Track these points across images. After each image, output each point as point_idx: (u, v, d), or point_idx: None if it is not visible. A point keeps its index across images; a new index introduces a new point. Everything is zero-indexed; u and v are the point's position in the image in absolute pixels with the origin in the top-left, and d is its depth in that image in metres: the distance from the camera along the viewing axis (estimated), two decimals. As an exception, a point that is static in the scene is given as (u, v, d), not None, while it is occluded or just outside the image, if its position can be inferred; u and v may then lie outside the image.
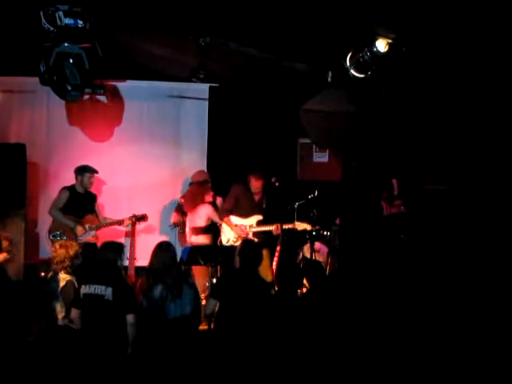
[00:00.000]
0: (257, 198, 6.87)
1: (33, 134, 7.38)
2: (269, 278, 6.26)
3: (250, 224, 6.78)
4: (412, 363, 4.37)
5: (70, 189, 6.60)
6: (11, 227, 6.34)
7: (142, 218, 6.80)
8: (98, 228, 6.63)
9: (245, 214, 6.81)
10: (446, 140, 6.83)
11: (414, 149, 7.26)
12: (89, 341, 4.41)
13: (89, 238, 6.45)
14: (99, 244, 6.17)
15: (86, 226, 6.51)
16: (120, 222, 6.79)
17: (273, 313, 4.53)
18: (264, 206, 6.89)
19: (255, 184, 6.79)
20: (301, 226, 6.78)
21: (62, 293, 5.05)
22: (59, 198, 6.57)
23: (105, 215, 6.94)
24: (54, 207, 6.56)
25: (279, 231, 6.67)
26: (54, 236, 6.39)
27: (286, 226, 6.71)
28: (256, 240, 6.74)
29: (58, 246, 5.34)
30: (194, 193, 7.04)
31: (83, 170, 6.65)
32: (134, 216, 6.77)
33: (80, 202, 6.61)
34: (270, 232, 6.78)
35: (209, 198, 7.09)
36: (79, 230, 6.46)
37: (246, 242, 5.82)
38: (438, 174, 7.19)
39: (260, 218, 6.79)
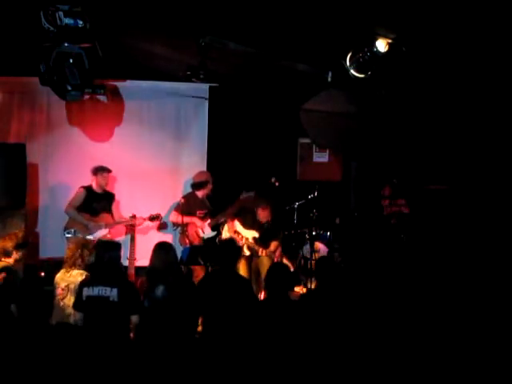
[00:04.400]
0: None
1: (33, 134, 7.37)
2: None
3: (246, 237, 6.80)
4: (413, 362, 4.38)
5: (87, 188, 6.71)
6: (11, 227, 6.33)
7: (156, 217, 6.84)
8: (110, 226, 6.68)
9: (246, 225, 6.86)
10: (447, 140, 6.83)
11: (415, 149, 7.26)
12: (93, 344, 4.39)
13: (102, 235, 6.49)
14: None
15: (99, 224, 6.57)
16: (133, 221, 6.82)
17: (261, 313, 4.49)
18: (265, 227, 6.90)
19: (261, 214, 6.87)
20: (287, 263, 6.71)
21: None
22: (75, 198, 6.68)
23: (121, 214, 7.00)
24: (69, 206, 6.65)
25: (265, 255, 6.72)
26: (68, 233, 6.48)
27: (271, 255, 6.73)
28: (248, 253, 6.78)
29: (72, 245, 5.37)
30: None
31: (97, 170, 6.76)
32: (149, 216, 6.79)
33: (96, 200, 6.71)
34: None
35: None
36: (92, 227, 6.53)
37: (225, 240, 5.76)
38: (438, 174, 7.19)
39: (256, 235, 6.82)
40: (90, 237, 6.33)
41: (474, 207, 6.67)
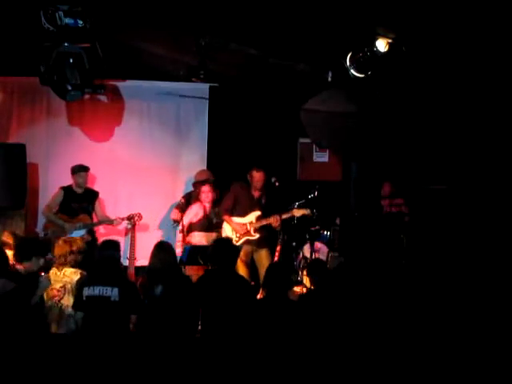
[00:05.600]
0: (256, 195, 6.85)
1: (33, 134, 7.37)
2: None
3: (249, 221, 6.75)
4: (412, 363, 4.38)
5: (66, 189, 6.68)
6: (11, 227, 6.33)
7: (133, 217, 6.76)
8: (87, 227, 6.63)
9: (244, 213, 6.81)
10: (446, 140, 6.83)
11: (414, 149, 7.26)
12: (93, 344, 4.38)
13: (79, 236, 6.44)
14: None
15: (76, 225, 6.55)
16: (111, 222, 6.82)
17: (261, 314, 4.47)
18: (263, 201, 6.87)
19: (257, 175, 6.76)
20: (299, 212, 6.74)
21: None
22: (53, 199, 6.71)
23: (106, 214, 6.97)
24: (46, 207, 6.71)
25: (278, 223, 6.65)
26: (44, 235, 6.53)
27: (284, 216, 6.68)
28: (258, 236, 6.72)
29: (60, 242, 5.33)
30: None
31: (74, 170, 6.73)
32: (128, 216, 6.75)
33: (75, 201, 6.67)
34: (270, 226, 6.75)
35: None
36: (68, 228, 6.51)
37: (219, 239, 5.72)
38: (437, 174, 7.19)
39: (259, 213, 6.76)
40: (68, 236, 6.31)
41: (474, 207, 6.66)
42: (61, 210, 6.63)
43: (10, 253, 5.04)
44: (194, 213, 6.94)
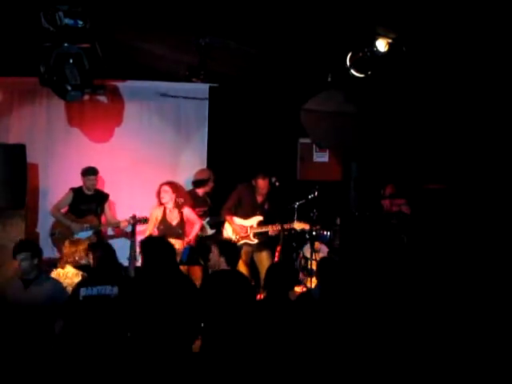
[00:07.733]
0: (259, 199, 6.89)
1: (33, 134, 7.38)
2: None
3: (250, 225, 6.79)
4: (412, 362, 4.38)
5: (76, 190, 6.77)
6: (11, 227, 6.33)
7: (141, 220, 6.77)
8: (94, 228, 6.66)
9: (246, 215, 6.84)
10: (446, 139, 6.83)
11: (414, 148, 7.26)
12: (92, 344, 4.38)
13: (86, 237, 6.46)
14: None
15: (84, 226, 6.57)
16: (117, 224, 6.82)
17: (262, 313, 4.46)
18: (266, 207, 6.92)
19: (262, 183, 6.81)
20: (300, 225, 6.80)
21: None
22: (62, 199, 6.80)
23: (115, 216, 7.04)
24: (54, 207, 6.81)
25: (274, 233, 6.70)
26: (52, 234, 6.68)
27: (285, 227, 6.71)
28: (256, 241, 6.76)
29: (67, 243, 5.45)
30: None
31: (83, 173, 6.78)
32: (134, 218, 6.74)
33: (84, 203, 6.75)
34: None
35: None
36: (74, 228, 6.58)
37: (222, 241, 5.71)
38: (438, 174, 7.19)
39: (261, 218, 6.81)
40: (75, 237, 6.34)
41: (475, 207, 6.66)
42: (70, 210, 6.73)
43: None
44: (154, 216, 6.72)
